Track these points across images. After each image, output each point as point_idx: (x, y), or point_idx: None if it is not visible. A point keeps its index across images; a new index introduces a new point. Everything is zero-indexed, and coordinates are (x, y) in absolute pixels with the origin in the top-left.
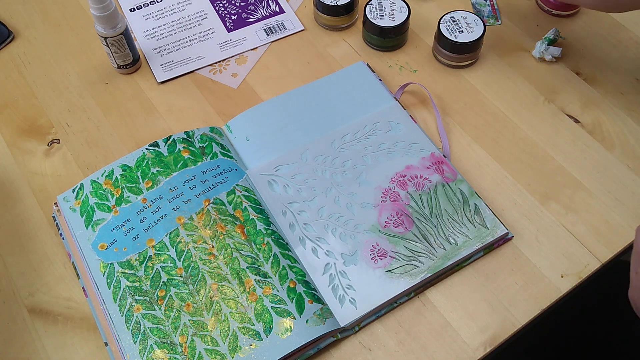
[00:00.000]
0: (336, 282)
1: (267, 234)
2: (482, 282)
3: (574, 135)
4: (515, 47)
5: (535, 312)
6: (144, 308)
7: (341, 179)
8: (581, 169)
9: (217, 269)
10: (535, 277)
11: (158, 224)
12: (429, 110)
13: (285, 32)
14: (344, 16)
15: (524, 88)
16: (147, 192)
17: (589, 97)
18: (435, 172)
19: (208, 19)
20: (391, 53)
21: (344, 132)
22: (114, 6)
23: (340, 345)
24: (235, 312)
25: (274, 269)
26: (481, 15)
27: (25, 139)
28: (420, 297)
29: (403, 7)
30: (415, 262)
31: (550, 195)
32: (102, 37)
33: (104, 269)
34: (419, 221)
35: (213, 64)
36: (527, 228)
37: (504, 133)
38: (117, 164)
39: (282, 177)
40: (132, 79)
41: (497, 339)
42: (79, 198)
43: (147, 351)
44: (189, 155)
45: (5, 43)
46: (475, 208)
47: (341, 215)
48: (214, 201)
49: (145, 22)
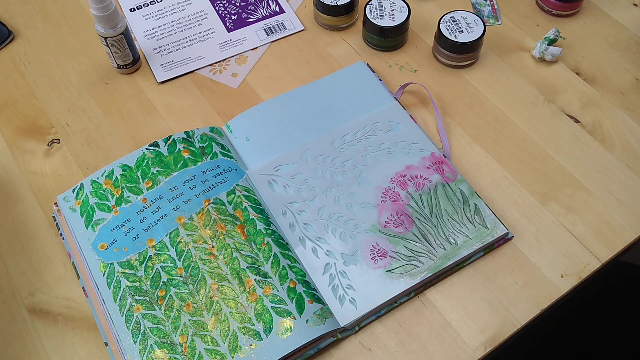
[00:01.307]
0: (336, 282)
1: (267, 234)
2: (482, 282)
3: (574, 135)
4: (515, 47)
5: (535, 312)
6: (144, 308)
7: (341, 178)
8: (581, 169)
9: (217, 269)
10: (535, 277)
11: (158, 224)
12: (429, 110)
13: (286, 32)
14: (344, 16)
15: (524, 88)
16: (147, 192)
17: (589, 97)
18: (435, 172)
19: (208, 18)
20: (391, 53)
21: (344, 132)
22: (114, 6)
23: (340, 345)
24: (235, 312)
25: (274, 268)
26: (481, 15)
27: (25, 139)
28: (420, 297)
29: (403, 7)
30: (415, 262)
31: (550, 195)
32: (102, 37)
33: (104, 269)
34: (419, 221)
35: (213, 64)
36: (527, 228)
37: (504, 133)
38: (117, 163)
39: (282, 177)
40: (132, 79)
41: (497, 339)
42: (79, 198)
43: (147, 351)
44: (189, 155)
45: (5, 43)
46: (475, 208)
47: (341, 215)
48: (214, 201)
49: (145, 22)
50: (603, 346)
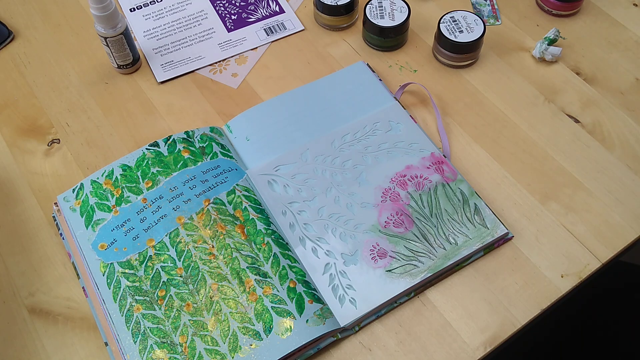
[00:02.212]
0: (336, 282)
1: (267, 234)
2: (482, 282)
3: (574, 135)
4: (515, 47)
5: (535, 312)
6: (144, 308)
7: (341, 178)
8: (581, 169)
9: (217, 268)
10: (535, 277)
11: (158, 224)
12: (429, 110)
13: (286, 32)
14: (344, 16)
15: (524, 88)
16: (147, 192)
17: (589, 97)
18: (435, 172)
19: (208, 18)
20: (391, 53)
21: (344, 132)
22: (114, 6)
23: (340, 345)
24: (235, 312)
25: (274, 268)
26: (481, 15)
27: (26, 139)
28: (420, 297)
29: (403, 7)
30: (415, 262)
31: (550, 195)
32: (102, 37)
33: (104, 269)
34: (419, 221)
35: (213, 64)
36: (527, 228)
37: (504, 133)
38: (117, 163)
39: (282, 177)
40: (132, 79)
41: (497, 339)
42: (79, 198)
43: (147, 351)
44: (189, 155)
45: (5, 43)
46: (475, 208)
47: (341, 215)
48: (214, 201)
49: (145, 22)
50: (603, 346)
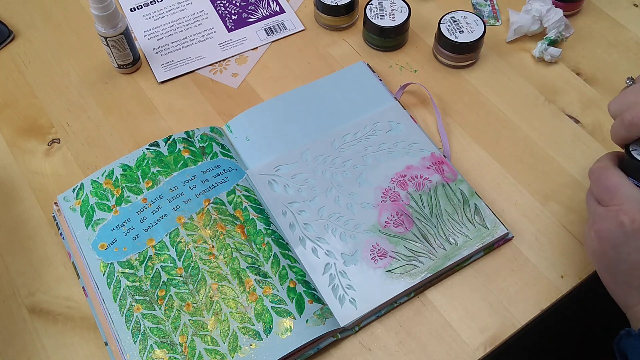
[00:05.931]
0: (336, 282)
1: (267, 234)
2: (482, 282)
3: (574, 136)
4: (515, 48)
5: (535, 312)
6: (144, 308)
7: (341, 178)
8: (581, 169)
9: (217, 268)
10: (535, 277)
11: (158, 224)
12: (429, 110)
13: (286, 32)
14: (344, 16)
15: (524, 88)
16: (147, 191)
17: (589, 97)
18: (436, 172)
19: (208, 18)
20: (391, 53)
21: (344, 132)
22: (114, 6)
23: (340, 345)
24: (235, 312)
25: (274, 268)
26: (481, 15)
27: (26, 139)
28: (420, 297)
29: (403, 7)
30: (415, 262)
31: (550, 195)
32: (103, 37)
33: (104, 269)
34: (419, 221)
35: (213, 64)
36: (527, 228)
37: (504, 133)
38: (117, 163)
39: (282, 177)
40: (133, 79)
41: (497, 339)
42: (79, 198)
43: (147, 351)
44: (189, 155)
45: (6, 43)
46: (475, 208)
47: (341, 215)
48: (214, 201)
49: (145, 21)
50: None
